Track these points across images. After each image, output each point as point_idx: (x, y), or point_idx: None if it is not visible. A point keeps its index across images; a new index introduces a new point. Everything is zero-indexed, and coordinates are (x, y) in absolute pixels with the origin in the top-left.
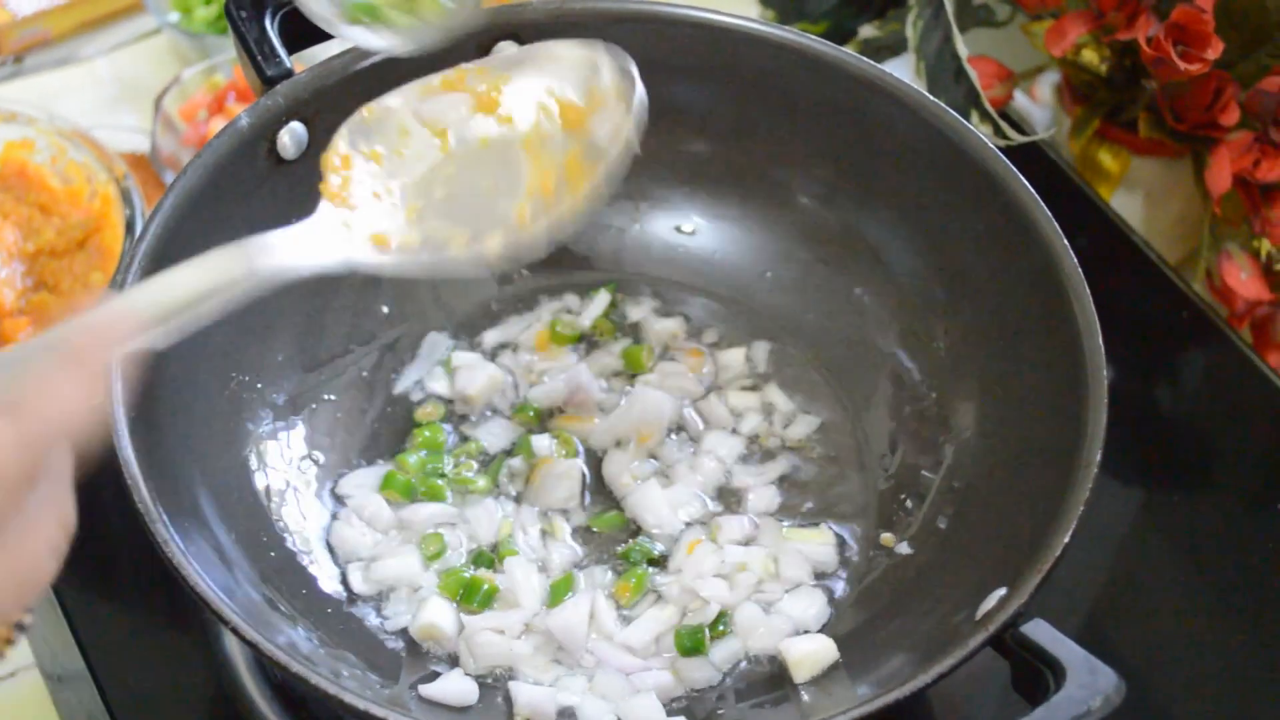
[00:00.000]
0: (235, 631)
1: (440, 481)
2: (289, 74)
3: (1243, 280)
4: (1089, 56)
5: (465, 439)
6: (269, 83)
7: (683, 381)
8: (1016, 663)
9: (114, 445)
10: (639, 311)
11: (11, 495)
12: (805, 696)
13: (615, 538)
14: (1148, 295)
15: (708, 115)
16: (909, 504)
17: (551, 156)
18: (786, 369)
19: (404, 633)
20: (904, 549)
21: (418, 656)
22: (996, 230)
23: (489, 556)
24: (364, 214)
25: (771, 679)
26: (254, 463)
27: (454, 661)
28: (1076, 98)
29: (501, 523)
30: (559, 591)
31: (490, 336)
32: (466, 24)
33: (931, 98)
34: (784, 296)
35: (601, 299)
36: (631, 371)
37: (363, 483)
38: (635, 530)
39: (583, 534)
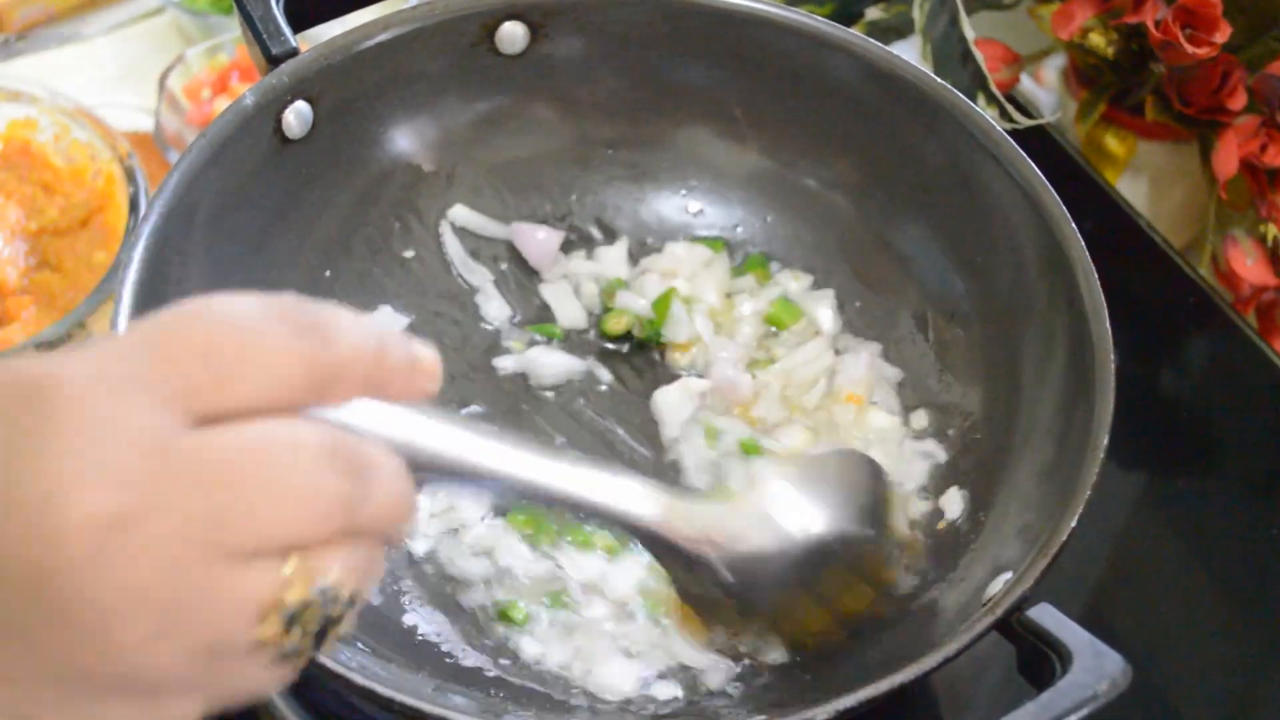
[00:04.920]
0: None
1: None
2: (294, 53)
3: (1248, 265)
4: (1096, 40)
5: None
6: (274, 61)
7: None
8: (1023, 647)
9: None
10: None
11: None
12: (808, 678)
13: None
14: (1153, 280)
15: (712, 96)
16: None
17: None
18: None
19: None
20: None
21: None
22: (1004, 213)
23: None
24: None
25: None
26: None
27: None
28: (1083, 81)
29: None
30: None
31: None
32: None
33: (937, 78)
34: None
35: None
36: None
37: None
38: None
39: None
